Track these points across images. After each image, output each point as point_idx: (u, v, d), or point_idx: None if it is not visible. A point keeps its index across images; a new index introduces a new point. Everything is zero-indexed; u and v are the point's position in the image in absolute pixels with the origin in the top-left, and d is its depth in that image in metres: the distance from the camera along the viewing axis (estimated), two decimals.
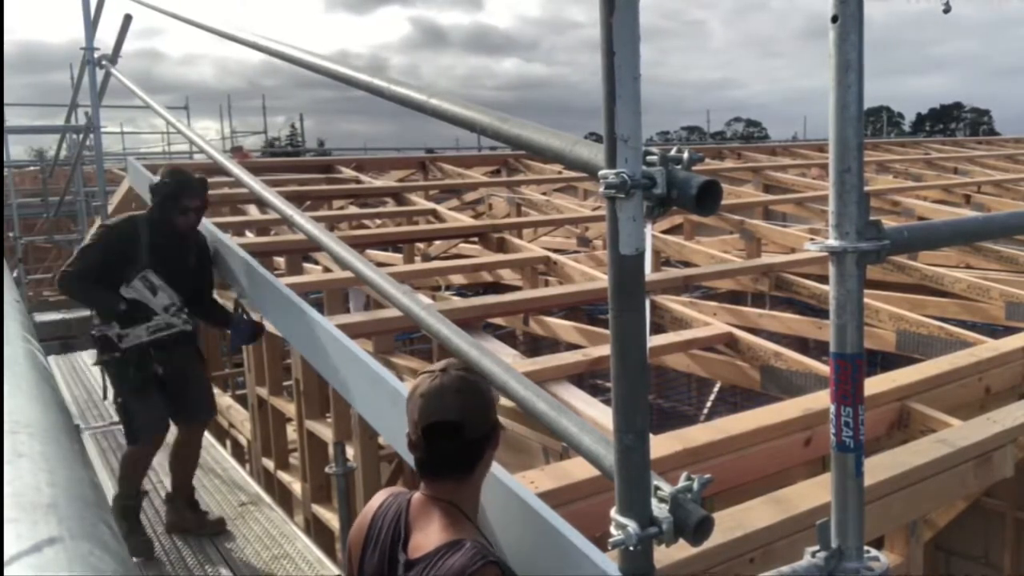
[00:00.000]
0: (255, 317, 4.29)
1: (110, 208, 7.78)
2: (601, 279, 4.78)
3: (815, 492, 2.36)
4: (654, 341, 3.89)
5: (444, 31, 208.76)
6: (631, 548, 1.53)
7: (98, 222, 3.92)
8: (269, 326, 4.94)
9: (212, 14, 4.25)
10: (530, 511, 2.04)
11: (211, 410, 4.33)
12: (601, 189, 1.43)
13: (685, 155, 1.42)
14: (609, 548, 1.59)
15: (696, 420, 7.12)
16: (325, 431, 4.50)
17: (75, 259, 3.82)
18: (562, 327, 4.97)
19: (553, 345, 6.59)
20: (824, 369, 3.47)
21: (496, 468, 2.27)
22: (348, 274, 3.94)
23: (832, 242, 1.60)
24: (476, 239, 6.38)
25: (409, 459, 2.82)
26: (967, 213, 7.70)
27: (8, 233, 12.74)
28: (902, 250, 1.76)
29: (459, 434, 1.83)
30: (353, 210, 7.99)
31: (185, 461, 4.21)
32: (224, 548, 4.24)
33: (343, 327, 3.39)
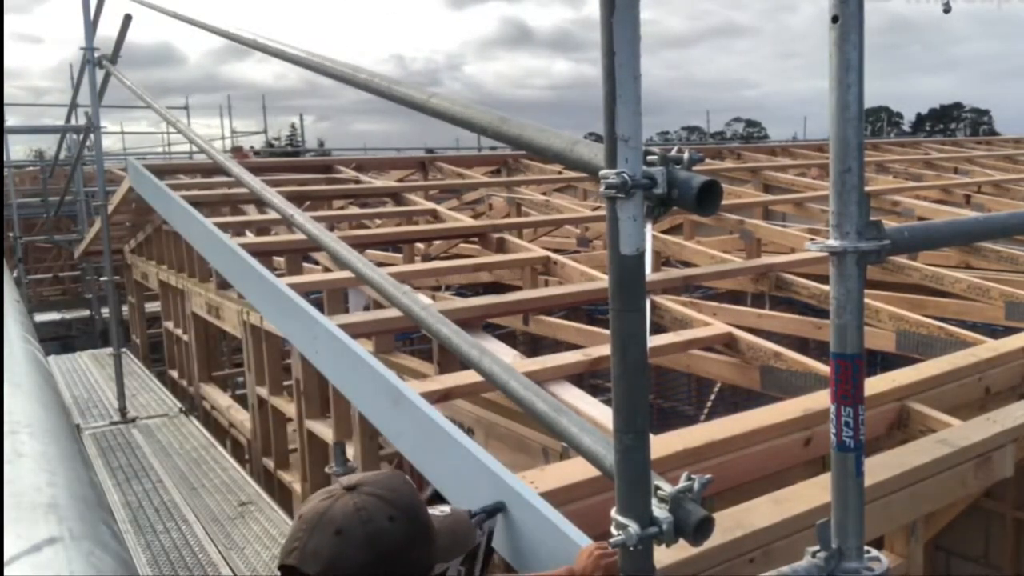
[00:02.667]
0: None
1: (110, 208, 7.78)
2: (601, 279, 4.78)
3: (815, 492, 2.36)
4: (654, 341, 3.89)
5: (530, 30, 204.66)
6: (631, 548, 1.53)
7: None
8: (271, 327, 4.94)
9: (351, 9, 4.17)
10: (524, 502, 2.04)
11: None
12: (601, 189, 1.43)
13: (685, 155, 1.43)
14: (609, 548, 1.59)
15: (696, 420, 7.11)
16: (325, 431, 4.50)
17: None
18: (562, 327, 4.96)
19: (553, 345, 6.58)
20: (824, 369, 3.47)
21: (495, 464, 2.27)
22: (348, 274, 3.94)
23: (832, 242, 1.60)
24: (476, 239, 6.38)
25: (412, 459, 2.83)
26: (967, 213, 7.69)
27: (8, 233, 12.73)
28: (902, 250, 1.76)
29: None
30: (353, 210, 7.99)
31: None
32: (224, 548, 4.25)
33: (343, 327, 3.40)
